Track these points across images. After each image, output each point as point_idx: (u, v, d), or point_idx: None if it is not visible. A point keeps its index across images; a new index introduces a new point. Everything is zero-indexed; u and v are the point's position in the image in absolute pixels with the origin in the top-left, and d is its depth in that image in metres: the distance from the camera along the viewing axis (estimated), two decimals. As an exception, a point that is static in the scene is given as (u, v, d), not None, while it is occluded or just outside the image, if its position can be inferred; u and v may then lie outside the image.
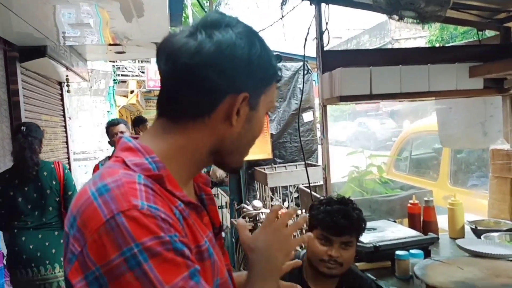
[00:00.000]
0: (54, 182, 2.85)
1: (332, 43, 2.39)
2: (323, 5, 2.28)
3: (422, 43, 9.19)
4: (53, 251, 2.78)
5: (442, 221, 2.34)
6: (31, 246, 2.74)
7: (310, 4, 2.33)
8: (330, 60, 2.29)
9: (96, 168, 3.69)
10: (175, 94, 0.77)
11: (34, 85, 5.03)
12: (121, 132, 3.53)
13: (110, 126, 3.64)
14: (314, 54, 2.44)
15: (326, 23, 2.30)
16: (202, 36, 0.75)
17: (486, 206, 2.51)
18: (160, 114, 0.81)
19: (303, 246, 1.91)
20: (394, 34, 10.78)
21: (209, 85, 0.75)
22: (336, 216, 1.59)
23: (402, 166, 4.68)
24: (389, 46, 10.05)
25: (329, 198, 1.74)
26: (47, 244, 2.77)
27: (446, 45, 7.81)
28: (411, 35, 10.25)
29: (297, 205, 4.07)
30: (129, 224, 0.66)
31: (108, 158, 3.87)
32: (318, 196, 2.54)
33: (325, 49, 2.33)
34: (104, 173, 0.74)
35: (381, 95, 2.16)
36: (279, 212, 0.93)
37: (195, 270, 0.69)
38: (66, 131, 6.15)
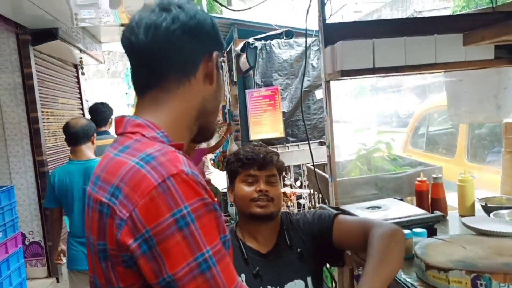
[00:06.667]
0: None
1: (352, 17, 2.29)
2: (324, -26, 2.18)
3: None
4: None
5: (456, 199, 2.24)
6: None
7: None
8: (333, 33, 2.20)
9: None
10: (160, 64, 0.83)
11: (49, 68, 5.08)
12: None
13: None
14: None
15: (328, -6, 2.20)
16: (175, 9, 0.84)
17: (501, 182, 2.38)
18: (146, 89, 0.86)
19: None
20: (416, 6, 10.35)
21: (190, 48, 0.84)
22: (251, 153, 1.58)
23: (419, 143, 4.55)
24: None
25: (239, 148, 1.72)
26: None
27: (454, 13, 7.45)
28: (435, 6, 9.80)
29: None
30: (179, 187, 0.70)
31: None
32: (322, 173, 2.48)
33: (327, 21, 2.24)
34: (138, 146, 0.77)
35: (385, 68, 2.06)
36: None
37: (224, 237, 0.76)
38: (83, 114, 6.23)
